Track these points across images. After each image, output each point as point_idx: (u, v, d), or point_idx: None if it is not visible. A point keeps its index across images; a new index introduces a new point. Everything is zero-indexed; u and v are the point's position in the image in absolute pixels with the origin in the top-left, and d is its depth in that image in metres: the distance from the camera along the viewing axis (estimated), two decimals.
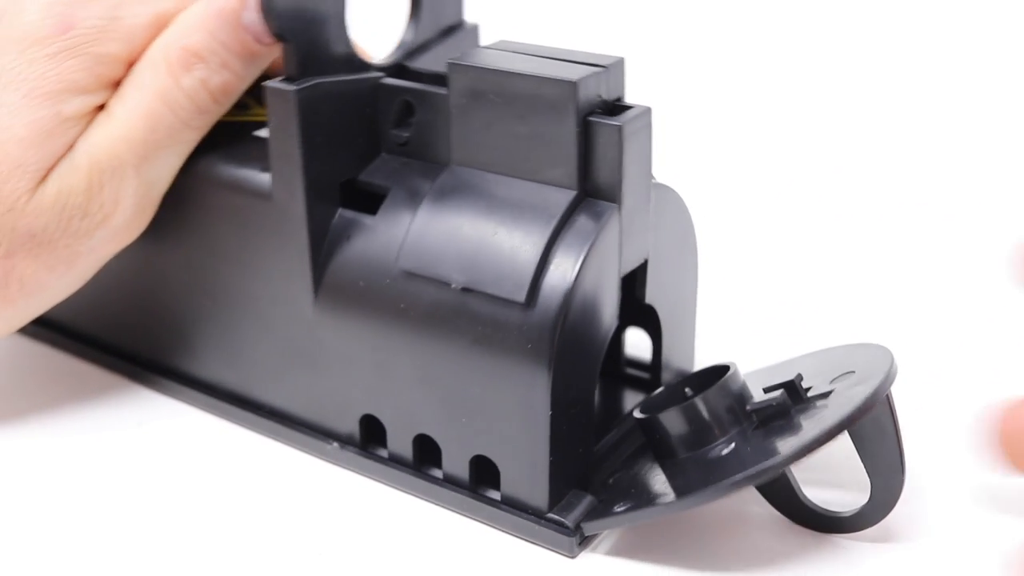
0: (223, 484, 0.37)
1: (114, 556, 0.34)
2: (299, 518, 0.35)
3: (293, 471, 0.38)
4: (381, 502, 0.36)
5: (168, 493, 0.37)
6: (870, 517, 0.33)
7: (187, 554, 0.34)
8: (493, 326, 0.32)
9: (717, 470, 0.31)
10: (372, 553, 0.34)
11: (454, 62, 0.33)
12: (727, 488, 0.30)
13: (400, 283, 0.34)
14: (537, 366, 0.31)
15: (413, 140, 0.36)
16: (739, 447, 0.31)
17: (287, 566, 0.33)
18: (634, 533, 0.34)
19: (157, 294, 0.40)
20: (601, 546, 0.34)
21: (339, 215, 0.35)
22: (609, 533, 0.34)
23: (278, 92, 0.33)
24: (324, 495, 0.36)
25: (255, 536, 0.35)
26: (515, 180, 0.33)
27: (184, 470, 0.38)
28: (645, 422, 0.33)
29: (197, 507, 0.36)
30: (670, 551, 0.33)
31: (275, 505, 0.36)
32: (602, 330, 0.33)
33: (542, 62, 0.33)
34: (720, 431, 0.32)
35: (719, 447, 0.32)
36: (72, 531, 0.35)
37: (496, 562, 0.33)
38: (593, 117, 0.32)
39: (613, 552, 0.33)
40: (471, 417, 0.33)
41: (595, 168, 0.32)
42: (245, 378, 0.39)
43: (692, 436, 0.32)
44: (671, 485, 0.32)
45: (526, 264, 0.32)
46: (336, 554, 0.34)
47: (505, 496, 0.34)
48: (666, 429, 0.33)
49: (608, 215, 0.32)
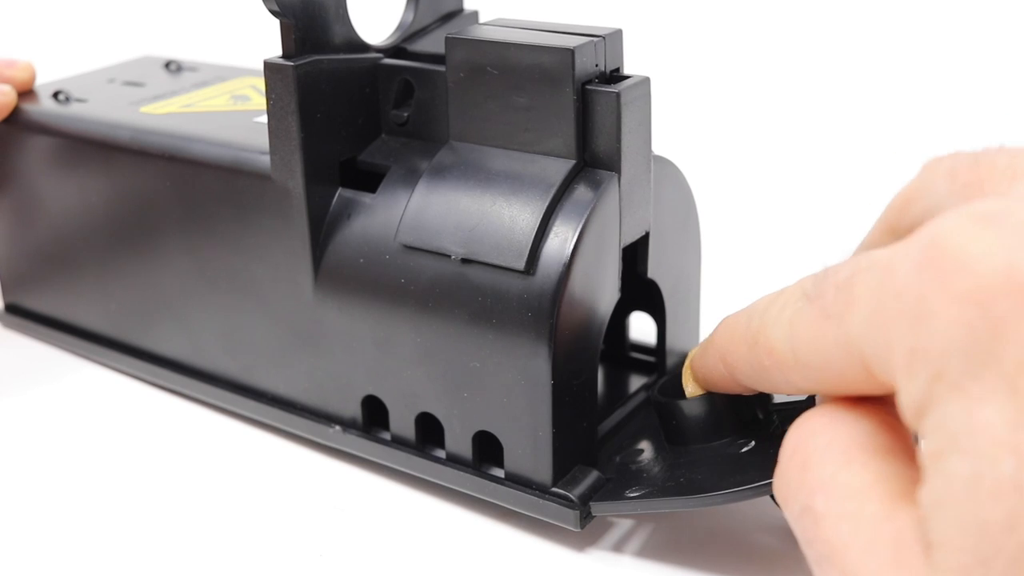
0: (224, 475, 0.37)
1: (114, 548, 0.34)
2: (302, 506, 0.35)
3: (294, 458, 0.37)
4: (384, 489, 0.36)
5: (167, 485, 0.36)
6: None
7: (188, 546, 0.34)
8: (493, 296, 0.32)
9: (736, 469, 0.30)
10: (375, 544, 0.33)
11: (451, 36, 0.33)
12: (750, 492, 0.29)
13: (400, 258, 0.33)
14: (538, 335, 0.31)
15: (413, 120, 0.36)
16: (760, 447, 0.31)
17: (291, 556, 0.33)
18: (640, 528, 0.33)
19: (158, 284, 0.40)
20: (605, 541, 0.33)
21: (339, 195, 0.35)
22: (618, 529, 0.33)
23: (277, 68, 0.33)
24: (327, 482, 0.36)
25: (258, 527, 0.34)
26: (514, 152, 0.33)
27: (184, 462, 0.38)
28: (663, 406, 0.33)
29: (197, 498, 0.36)
30: (674, 549, 0.33)
31: (277, 497, 0.36)
32: (604, 300, 0.33)
33: (539, 34, 0.33)
34: (740, 426, 0.32)
35: (738, 443, 0.31)
36: (72, 524, 0.35)
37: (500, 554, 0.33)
38: (591, 86, 0.32)
39: (618, 549, 0.33)
40: (473, 392, 0.33)
41: (593, 137, 0.32)
42: (246, 365, 0.39)
43: (711, 427, 0.32)
44: (689, 478, 0.31)
45: (525, 232, 0.31)
46: (338, 544, 0.33)
47: (509, 472, 0.33)
48: (685, 416, 0.32)
49: (607, 183, 0.32)
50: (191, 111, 0.41)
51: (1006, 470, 0.19)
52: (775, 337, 0.26)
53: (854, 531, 0.22)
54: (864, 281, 0.23)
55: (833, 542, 0.23)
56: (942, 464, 0.20)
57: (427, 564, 0.33)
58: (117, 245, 0.41)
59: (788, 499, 0.25)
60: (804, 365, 0.25)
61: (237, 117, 0.40)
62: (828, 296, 0.24)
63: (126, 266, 0.41)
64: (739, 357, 0.28)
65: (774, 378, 0.27)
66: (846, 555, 0.22)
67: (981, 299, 0.20)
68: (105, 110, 0.42)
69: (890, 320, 0.22)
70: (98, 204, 0.41)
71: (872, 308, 0.22)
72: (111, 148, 0.40)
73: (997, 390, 0.20)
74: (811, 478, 0.24)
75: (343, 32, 0.35)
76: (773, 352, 0.26)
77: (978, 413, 0.20)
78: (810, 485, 0.24)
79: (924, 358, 0.21)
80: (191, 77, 0.46)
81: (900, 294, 0.21)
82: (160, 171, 0.38)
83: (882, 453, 0.24)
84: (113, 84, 0.45)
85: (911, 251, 0.22)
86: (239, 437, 0.39)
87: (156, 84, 0.45)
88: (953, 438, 0.20)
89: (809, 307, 0.24)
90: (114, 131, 0.40)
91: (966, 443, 0.20)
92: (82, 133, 0.41)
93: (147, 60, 0.49)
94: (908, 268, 0.21)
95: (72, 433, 0.39)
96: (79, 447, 0.38)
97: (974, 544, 0.20)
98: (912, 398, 0.21)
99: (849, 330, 0.23)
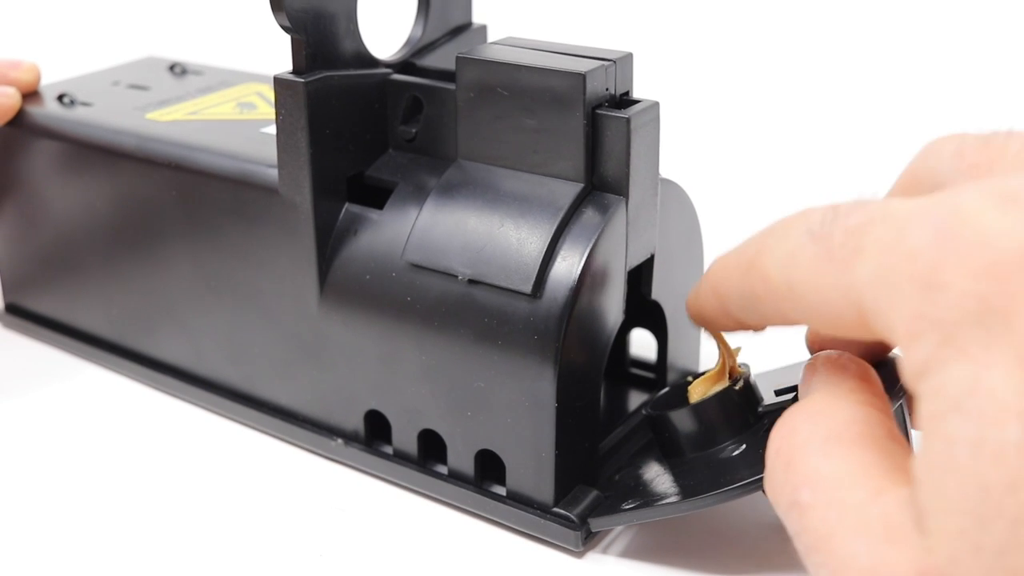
0: (224, 478, 0.37)
1: (114, 550, 0.34)
2: (303, 516, 0.35)
3: (296, 469, 0.38)
4: (385, 501, 0.36)
5: (166, 487, 0.36)
6: None
7: (187, 547, 0.34)
8: (499, 318, 0.32)
9: (727, 472, 0.31)
10: (376, 552, 0.33)
11: (462, 56, 0.33)
12: (737, 491, 0.30)
13: (406, 276, 0.33)
14: (544, 358, 0.31)
15: (421, 136, 0.36)
16: (749, 449, 0.31)
17: (291, 565, 0.33)
18: (641, 535, 0.34)
19: (161, 292, 0.40)
20: (611, 547, 0.33)
21: (346, 210, 0.35)
22: (617, 535, 0.34)
23: (287, 83, 0.34)
24: (328, 493, 0.36)
25: (259, 536, 0.34)
26: (522, 174, 0.33)
27: (183, 464, 0.38)
28: (654, 419, 0.33)
29: (197, 501, 0.36)
30: (676, 553, 0.33)
31: (278, 503, 0.36)
32: (608, 323, 0.33)
33: (550, 56, 0.33)
34: (730, 432, 0.32)
35: (729, 448, 0.32)
36: (73, 527, 0.35)
37: (502, 562, 0.33)
38: (601, 110, 0.32)
39: (620, 554, 0.33)
40: (476, 411, 0.33)
41: (602, 161, 0.32)
42: (249, 376, 0.39)
43: (701, 436, 0.32)
44: (679, 485, 0.31)
45: (532, 256, 0.32)
46: (339, 553, 0.33)
47: (511, 491, 0.33)
48: (676, 428, 0.33)
49: (615, 208, 0.32)
50: (197, 119, 0.41)
51: (1011, 434, 0.20)
52: (771, 265, 0.26)
53: (841, 517, 0.23)
54: (876, 233, 0.23)
55: (821, 530, 0.23)
56: (942, 426, 0.21)
57: (426, 565, 0.33)
58: (121, 250, 0.41)
59: (777, 497, 0.25)
60: (799, 298, 0.25)
61: (244, 127, 0.40)
62: (835, 239, 0.24)
63: (129, 271, 0.41)
64: (732, 285, 0.28)
65: (765, 307, 0.27)
66: (835, 540, 0.23)
67: (999, 274, 0.20)
68: (110, 115, 0.42)
69: (899, 281, 0.22)
70: (102, 209, 0.41)
71: (880, 263, 0.22)
72: (116, 155, 0.40)
73: (1006, 358, 0.20)
74: (795, 473, 0.24)
75: (353, 47, 0.35)
76: (767, 280, 0.26)
77: (985, 378, 0.20)
78: (794, 481, 0.24)
79: (932, 323, 0.21)
80: (196, 81, 0.46)
81: (913, 257, 0.22)
82: (165, 180, 0.38)
83: (861, 443, 0.24)
84: (118, 87, 0.45)
85: (930, 217, 0.22)
86: (240, 440, 0.39)
87: (161, 88, 0.45)
88: (956, 401, 0.20)
89: (813, 244, 0.24)
90: (119, 138, 0.40)
91: (970, 405, 0.20)
92: (87, 138, 0.41)
93: (151, 61, 0.49)
94: (925, 234, 0.22)
95: (72, 436, 0.39)
96: (79, 450, 0.38)
97: (974, 506, 0.20)
98: (914, 360, 0.21)
99: (853, 279, 0.23)
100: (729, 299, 0.28)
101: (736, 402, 0.32)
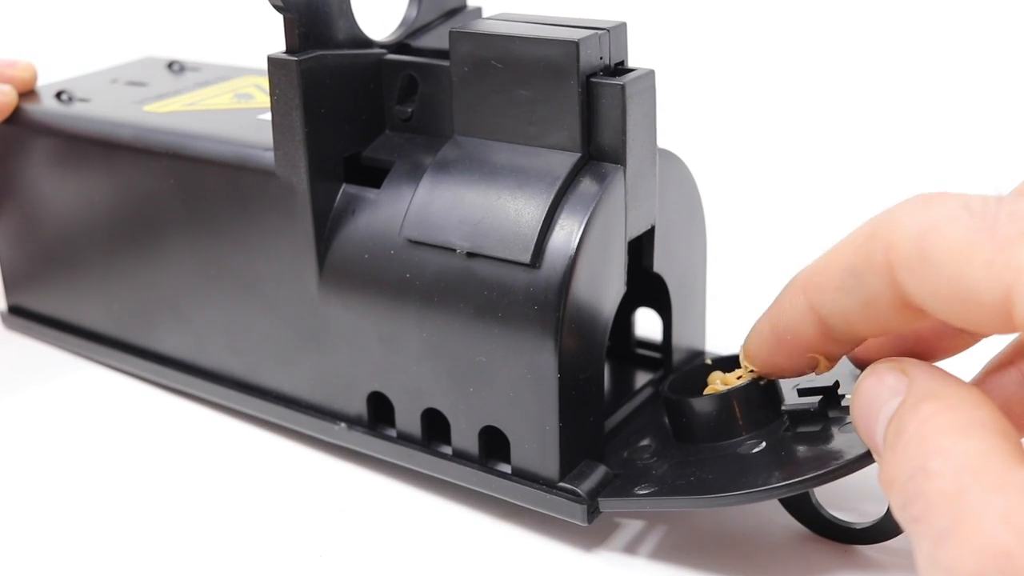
0: (226, 475, 0.37)
1: (116, 547, 0.33)
2: (304, 506, 0.35)
3: (296, 458, 0.37)
4: (387, 488, 0.36)
5: (169, 484, 0.36)
6: (887, 529, 0.31)
7: (189, 544, 0.34)
8: (499, 290, 0.32)
9: (749, 470, 0.30)
10: (376, 552, 0.33)
11: (456, 30, 0.33)
12: (765, 494, 0.29)
13: (405, 253, 0.33)
14: (544, 328, 0.31)
15: (417, 116, 0.36)
16: (770, 449, 0.30)
17: (291, 564, 0.33)
18: (647, 529, 0.33)
19: (162, 283, 0.40)
20: (615, 542, 0.33)
21: (343, 190, 0.35)
22: (620, 530, 0.33)
23: (280, 63, 0.33)
24: (329, 481, 0.36)
25: (259, 535, 0.34)
26: (519, 146, 0.33)
27: (186, 461, 0.37)
28: (673, 403, 0.33)
29: (199, 498, 0.36)
30: (680, 550, 0.32)
31: (278, 503, 0.35)
32: (610, 293, 0.33)
33: (543, 27, 0.33)
34: (750, 426, 0.31)
35: (748, 443, 0.31)
36: (75, 523, 0.35)
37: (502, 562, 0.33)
38: (595, 78, 0.32)
39: (626, 550, 0.33)
40: (479, 386, 0.33)
41: (598, 130, 0.32)
42: (250, 363, 0.39)
43: (721, 426, 0.32)
44: (698, 477, 0.31)
45: (530, 225, 0.31)
46: (339, 553, 0.33)
47: (515, 468, 0.33)
48: (696, 414, 0.32)
49: (612, 176, 0.32)
50: (194, 109, 0.41)
51: None
52: (902, 233, 0.24)
53: (976, 478, 0.22)
54: None
55: (949, 489, 0.22)
56: None
57: (431, 565, 0.32)
58: (120, 244, 0.41)
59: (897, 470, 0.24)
60: (929, 267, 0.24)
61: (240, 115, 0.40)
62: (1000, 217, 0.23)
63: (129, 265, 0.41)
64: (834, 269, 0.26)
65: (874, 283, 0.25)
66: (966, 497, 0.22)
67: None
68: (108, 109, 0.42)
69: None
70: (101, 203, 0.41)
71: None
72: (114, 147, 0.40)
73: None
74: (927, 447, 0.23)
75: (347, 27, 0.35)
76: (892, 247, 0.25)
77: None
78: (926, 452, 0.23)
79: None
80: (194, 77, 0.46)
81: None
82: (163, 169, 0.38)
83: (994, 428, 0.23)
84: (116, 84, 0.45)
85: None
86: (242, 437, 0.39)
87: (159, 84, 0.45)
88: None
89: (970, 217, 0.23)
90: (117, 129, 0.40)
91: None
92: (84, 132, 0.41)
93: (150, 61, 0.49)
94: None
95: (75, 433, 0.39)
96: (82, 447, 0.38)
97: None
98: None
99: (1011, 258, 0.22)
100: (826, 290, 0.27)
101: (759, 397, 0.31)
